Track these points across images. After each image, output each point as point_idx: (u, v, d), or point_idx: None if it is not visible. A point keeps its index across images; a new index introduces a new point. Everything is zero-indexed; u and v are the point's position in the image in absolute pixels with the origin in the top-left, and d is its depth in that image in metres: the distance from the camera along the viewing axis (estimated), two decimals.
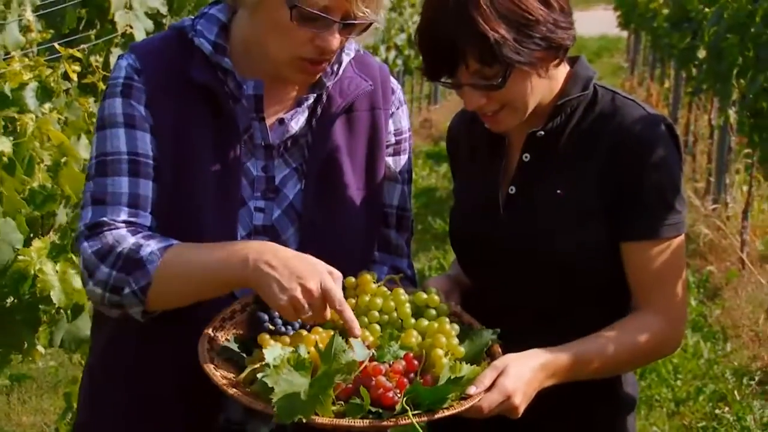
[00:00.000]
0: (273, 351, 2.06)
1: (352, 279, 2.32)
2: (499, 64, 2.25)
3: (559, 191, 2.39)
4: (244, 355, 2.17)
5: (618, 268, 2.41)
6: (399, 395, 2.02)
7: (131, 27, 4.83)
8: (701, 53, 8.86)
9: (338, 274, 2.19)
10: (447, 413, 2.04)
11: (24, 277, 3.26)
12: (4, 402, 5.74)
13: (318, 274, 2.14)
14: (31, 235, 3.29)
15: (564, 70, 2.45)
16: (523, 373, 2.19)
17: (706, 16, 8.29)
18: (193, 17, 2.45)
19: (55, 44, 4.07)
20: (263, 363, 2.05)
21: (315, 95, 2.43)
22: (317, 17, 2.22)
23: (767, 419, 5.73)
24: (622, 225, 2.37)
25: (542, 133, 2.40)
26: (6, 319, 3.34)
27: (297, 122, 2.42)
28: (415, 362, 2.11)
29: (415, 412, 2.01)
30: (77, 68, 3.90)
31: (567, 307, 2.42)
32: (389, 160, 2.55)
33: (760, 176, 7.93)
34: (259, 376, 2.02)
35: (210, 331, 2.18)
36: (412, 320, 2.26)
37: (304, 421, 1.97)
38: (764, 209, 8.66)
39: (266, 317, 2.22)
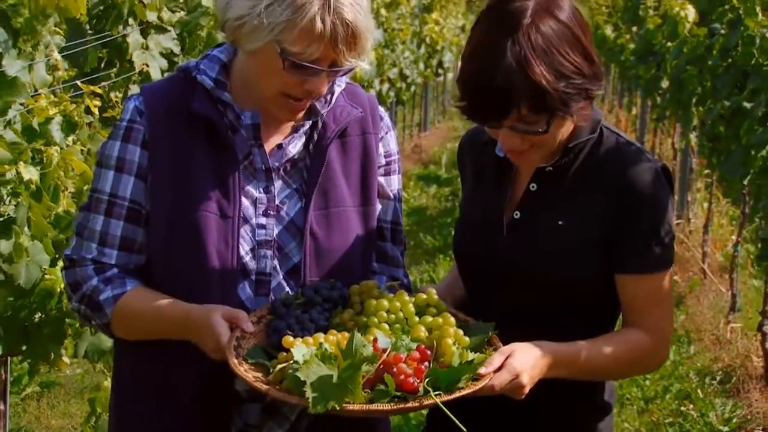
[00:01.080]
0: (300, 349, 2.06)
1: (357, 287, 2.33)
2: (546, 112, 2.23)
3: (560, 222, 2.37)
4: (268, 361, 2.16)
5: (609, 293, 2.40)
6: (419, 381, 2.02)
7: (147, 65, 4.83)
8: (664, 83, 8.87)
9: (243, 315, 2.25)
10: (464, 392, 2.05)
11: (51, 295, 3.26)
12: (35, 407, 5.73)
13: (213, 342, 2.21)
14: (57, 256, 3.28)
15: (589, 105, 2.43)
16: (528, 357, 2.18)
17: (669, 50, 8.30)
18: (197, 59, 2.48)
19: (78, 82, 4.07)
20: (291, 361, 2.05)
21: (310, 122, 2.44)
22: (307, 67, 2.23)
23: (728, 415, 5.73)
24: (618, 259, 2.36)
25: (550, 167, 2.39)
26: (35, 333, 3.34)
27: (295, 147, 2.44)
28: (428, 352, 2.11)
29: (436, 393, 2.01)
30: (98, 103, 3.90)
31: (557, 323, 2.40)
32: (381, 179, 2.55)
33: (718, 194, 7.94)
34: (290, 371, 2.02)
35: (235, 341, 2.17)
36: (416, 318, 2.26)
37: (338, 408, 1.97)
38: (723, 224, 8.67)
39: (284, 325, 2.22)
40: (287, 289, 2.38)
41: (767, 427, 5.47)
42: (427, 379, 2.03)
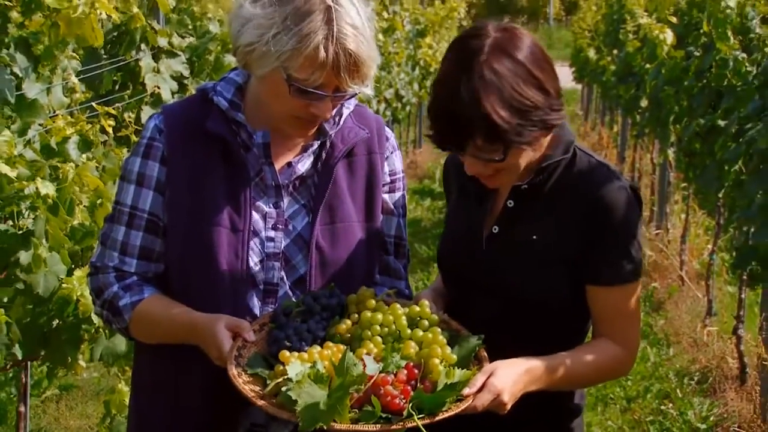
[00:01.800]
0: (295, 367, 2.06)
1: (354, 296, 2.32)
2: (501, 143, 2.24)
3: (535, 236, 2.38)
4: (267, 370, 2.16)
5: (579, 305, 2.40)
6: (405, 402, 2.02)
7: (159, 88, 4.84)
8: (644, 102, 8.88)
9: (245, 324, 2.25)
10: (447, 414, 2.05)
11: (68, 302, 3.25)
12: (54, 408, 5.71)
13: (215, 350, 2.23)
14: (73, 266, 3.29)
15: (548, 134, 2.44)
16: (509, 375, 2.18)
17: (648, 71, 8.31)
18: (215, 81, 2.49)
19: (94, 103, 4.07)
20: (286, 378, 2.04)
21: (319, 142, 2.45)
22: (311, 92, 2.24)
23: (705, 414, 5.73)
24: (590, 271, 2.36)
25: (525, 186, 2.39)
26: (53, 339, 3.33)
27: (303, 165, 2.44)
28: (416, 370, 2.11)
29: (420, 415, 2.01)
30: (113, 123, 3.90)
31: (532, 331, 2.40)
32: (386, 196, 2.55)
33: (695, 206, 7.93)
34: (283, 389, 2.03)
35: (236, 351, 2.18)
36: (409, 331, 2.25)
37: (325, 428, 1.98)
38: (699, 234, 8.67)
39: (283, 335, 2.22)
40: (293, 299, 2.37)
41: (742, 425, 5.45)
42: (411, 402, 2.03)
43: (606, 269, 2.36)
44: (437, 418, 2.03)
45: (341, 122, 2.45)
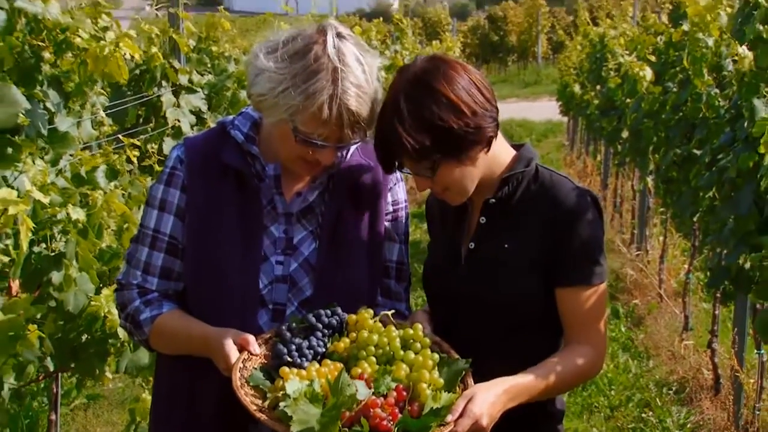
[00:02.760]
0: (293, 384, 2.06)
1: (353, 317, 2.31)
2: (425, 161, 2.26)
3: (506, 245, 2.40)
4: (269, 382, 2.16)
5: (552, 309, 2.41)
6: (392, 424, 2.02)
7: (179, 121, 4.87)
8: (625, 134, 8.88)
9: (251, 338, 2.25)
10: None
11: (96, 318, 3.26)
12: (83, 416, 5.72)
13: (223, 361, 2.23)
14: (101, 285, 3.30)
15: (511, 152, 2.46)
16: (487, 399, 2.18)
17: (628, 105, 8.32)
18: (234, 115, 2.50)
19: (120, 136, 4.09)
20: (284, 393, 2.05)
21: (327, 174, 2.44)
22: (315, 143, 2.25)
23: (683, 421, 5.71)
24: (557, 274, 2.38)
25: (494, 200, 2.41)
26: (82, 352, 3.34)
27: (312, 195, 2.45)
28: (404, 393, 2.12)
29: None
30: (137, 153, 3.92)
31: (511, 336, 2.41)
32: (388, 224, 2.55)
33: (672, 229, 7.93)
34: (281, 405, 2.03)
35: (240, 363, 2.18)
36: (402, 352, 2.25)
37: None
38: (676, 255, 8.65)
39: (285, 350, 2.22)
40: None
41: (716, 431, 5.44)
42: (398, 426, 2.03)
43: (571, 271, 2.38)
44: None
45: (348, 156, 2.46)
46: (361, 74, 2.26)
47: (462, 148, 2.29)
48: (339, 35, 2.29)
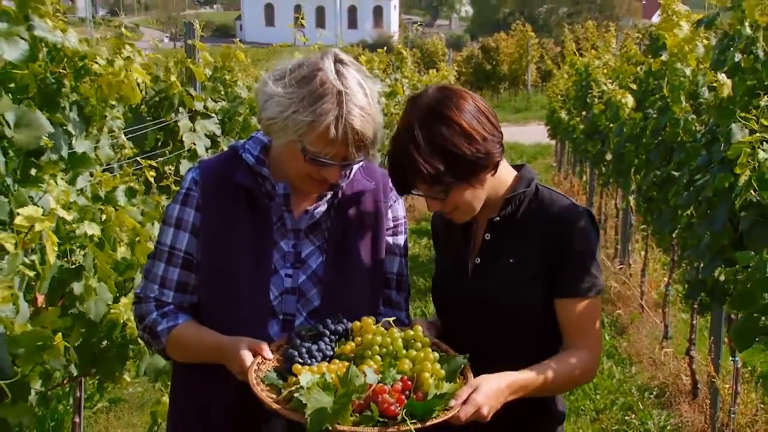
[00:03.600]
0: (306, 377, 2.08)
1: (358, 323, 2.32)
2: (439, 185, 2.26)
3: (511, 260, 2.40)
4: (281, 381, 2.16)
5: (552, 319, 2.40)
6: (399, 408, 2.03)
7: (195, 144, 4.87)
8: (608, 156, 8.90)
9: (264, 344, 2.25)
10: (435, 421, 2.06)
11: (115, 325, 3.26)
12: (104, 419, 5.70)
13: (238, 366, 2.22)
14: (119, 294, 3.29)
15: (513, 173, 2.46)
16: (490, 390, 2.17)
17: (611, 129, 8.33)
18: (245, 140, 2.50)
19: (139, 158, 4.09)
20: (298, 386, 2.06)
21: (332, 192, 2.44)
22: (323, 162, 2.24)
23: (663, 424, 5.69)
24: (557, 286, 2.38)
25: (498, 218, 2.41)
26: (102, 357, 3.33)
27: (319, 212, 2.45)
28: (409, 383, 2.12)
29: (412, 420, 2.02)
30: (153, 174, 3.92)
31: (514, 344, 2.41)
32: (389, 239, 2.55)
33: (653, 244, 7.92)
34: (296, 395, 2.04)
35: (256, 366, 2.19)
36: (404, 351, 2.26)
37: (330, 429, 1.98)
38: (656, 268, 8.64)
39: (296, 354, 2.22)
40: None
41: None
42: (405, 409, 2.04)
43: (569, 284, 2.37)
44: (427, 424, 2.04)
45: (351, 175, 2.46)
46: (363, 97, 2.27)
47: (473, 173, 2.30)
48: (342, 62, 2.30)
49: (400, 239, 2.60)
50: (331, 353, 2.26)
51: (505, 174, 2.45)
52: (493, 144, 2.31)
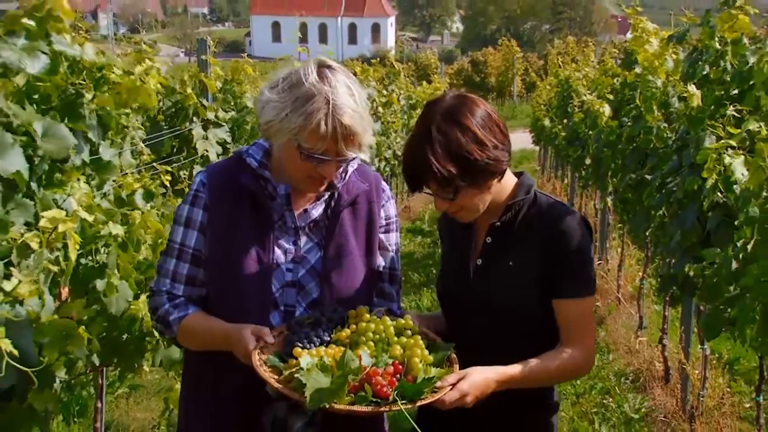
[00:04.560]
0: (306, 359, 2.08)
1: (353, 311, 2.33)
2: (450, 187, 2.25)
3: (511, 263, 2.38)
4: (282, 364, 2.17)
5: (548, 319, 2.38)
6: (391, 390, 2.04)
7: (207, 151, 4.87)
8: (587, 161, 8.90)
9: (266, 330, 2.25)
10: (423, 402, 2.06)
11: (135, 320, 3.25)
12: (125, 403, 5.70)
13: (243, 349, 2.22)
14: (139, 291, 3.28)
15: (513, 179, 2.44)
16: (478, 380, 2.17)
17: (590, 136, 8.33)
18: (248, 145, 2.51)
19: (156, 164, 4.08)
20: (298, 367, 2.06)
21: (329, 193, 2.45)
22: (318, 158, 2.25)
23: (638, 406, 5.69)
24: (554, 287, 2.35)
25: (499, 223, 2.40)
26: (122, 349, 3.33)
27: (317, 211, 2.45)
28: (400, 367, 2.13)
29: (403, 401, 2.03)
30: (169, 179, 3.91)
31: (513, 340, 2.38)
32: (382, 236, 2.55)
33: (628, 242, 7.92)
34: (296, 375, 2.04)
35: (258, 350, 2.19)
36: (395, 338, 2.26)
37: (327, 407, 1.99)
38: (632, 264, 8.64)
39: (296, 338, 2.23)
40: None
41: (666, 415, 5.42)
42: (396, 391, 2.04)
43: (565, 285, 2.34)
44: (415, 404, 2.05)
45: (347, 177, 2.47)
46: (350, 96, 2.28)
47: (482, 178, 2.28)
48: (329, 67, 2.32)
49: (392, 236, 2.60)
50: (328, 339, 2.26)
51: (507, 180, 2.42)
52: (503, 152, 2.30)
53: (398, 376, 2.10)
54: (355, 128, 2.26)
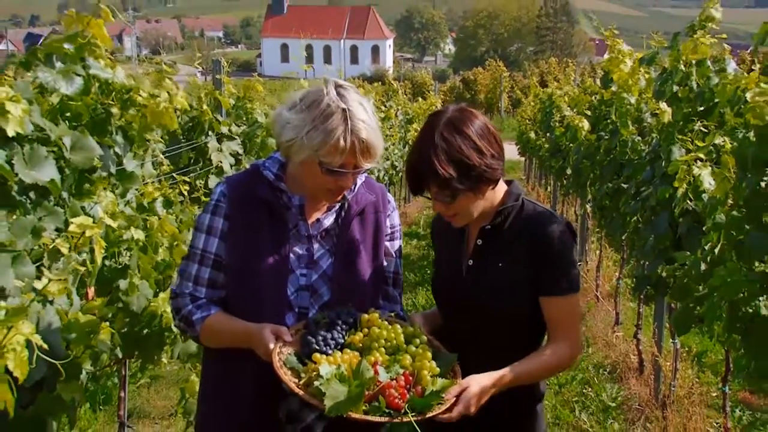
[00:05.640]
0: (325, 368, 2.07)
1: (366, 316, 2.32)
2: (449, 189, 2.25)
3: (500, 264, 2.37)
4: (300, 365, 2.15)
5: (535, 317, 2.37)
6: (402, 402, 2.03)
7: (221, 162, 4.86)
8: (568, 171, 8.91)
9: (285, 329, 2.23)
10: (431, 414, 2.06)
11: (155, 316, 3.24)
12: (146, 392, 5.69)
13: (263, 347, 2.20)
14: (158, 290, 3.27)
15: (504, 187, 2.44)
16: (478, 389, 2.17)
17: (571, 149, 8.35)
18: (264, 159, 2.51)
19: (174, 174, 4.08)
20: (318, 374, 2.05)
21: (340, 204, 2.44)
22: (337, 171, 2.25)
23: (615, 395, 5.68)
24: (542, 286, 2.34)
25: (489, 227, 2.39)
26: (144, 343, 3.31)
27: (328, 220, 2.44)
28: (410, 378, 2.12)
29: (413, 413, 2.04)
30: (187, 188, 3.91)
31: (504, 335, 2.38)
32: (387, 244, 2.54)
33: (606, 245, 7.93)
34: (315, 383, 2.03)
35: (278, 349, 2.18)
36: (405, 345, 2.26)
37: (344, 415, 1.99)
38: (609, 265, 8.65)
39: (313, 340, 2.21)
40: None
41: (641, 403, 5.41)
42: (407, 403, 2.04)
43: (552, 284, 2.33)
44: (424, 417, 2.05)
45: (356, 189, 2.46)
46: (364, 112, 2.28)
47: (479, 183, 2.27)
48: (342, 86, 2.32)
49: (396, 243, 2.59)
50: (342, 341, 2.25)
51: (499, 187, 2.42)
52: (498, 161, 2.30)
53: (408, 387, 2.09)
54: (372, 141, 2.27)
